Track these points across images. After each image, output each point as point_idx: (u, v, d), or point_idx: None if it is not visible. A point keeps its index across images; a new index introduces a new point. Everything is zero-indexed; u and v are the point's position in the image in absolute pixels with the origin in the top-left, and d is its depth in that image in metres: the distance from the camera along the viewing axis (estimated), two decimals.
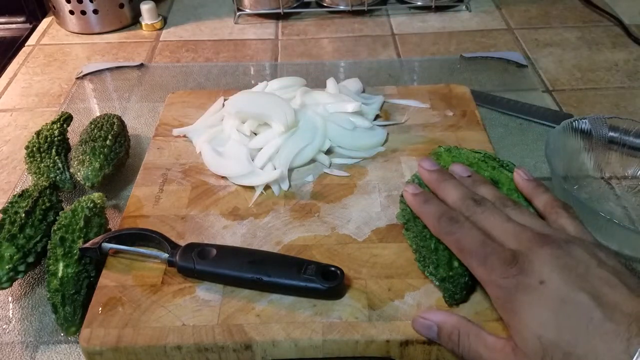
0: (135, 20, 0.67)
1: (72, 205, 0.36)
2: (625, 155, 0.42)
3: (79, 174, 0.40)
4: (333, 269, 0.32)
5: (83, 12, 0.64)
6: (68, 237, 0.34)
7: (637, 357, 0.20)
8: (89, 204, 0.36)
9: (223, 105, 0.47)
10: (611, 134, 0.42)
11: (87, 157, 0.41)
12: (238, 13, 0.68)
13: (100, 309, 0.31)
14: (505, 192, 0.34)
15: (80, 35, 0.66)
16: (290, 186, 0.40)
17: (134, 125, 0.50)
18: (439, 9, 0.69)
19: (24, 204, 0.36)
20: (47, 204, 0.37)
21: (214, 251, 0.33)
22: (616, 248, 0.35)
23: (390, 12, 0.69)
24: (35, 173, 0.41)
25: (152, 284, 0.33)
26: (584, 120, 0.42)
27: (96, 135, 0.42)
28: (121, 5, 0.65)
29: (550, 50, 0.61)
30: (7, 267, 0.33)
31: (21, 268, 0.34)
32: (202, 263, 0.32)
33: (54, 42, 0.65)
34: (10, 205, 0.36)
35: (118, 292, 0.32)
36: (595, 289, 0.23)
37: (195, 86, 0.57)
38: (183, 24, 0.68)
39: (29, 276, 0.37)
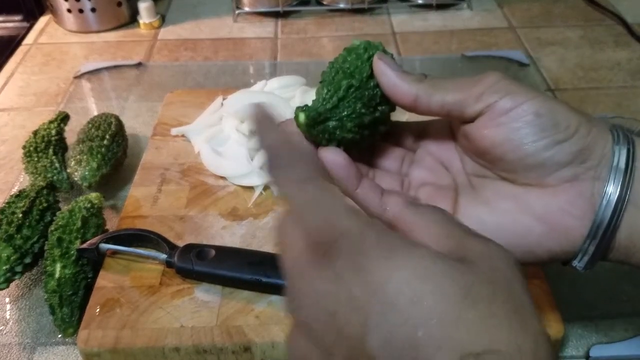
0: (133, 19, 0.67)
1: (70, 206, 0.36)
2: None
3: (76, 173, 0.40)
4: None
5: (80, 11, 0.64)
6: (65, 238, 0.34)
7: None
8: (86, 205, 0.36)
9: (222, 104, 0.46)
10: None
11: (85, 156, 0.40)
12: (237, 11, 0.67)
13: (98, 310, 0.31)
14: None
15: (78, 33, 0.65)
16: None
17: (132, 125, 0.49)
18: (440, 7, 0.68)
19: (21, 204, 0.36)
20: (45, 204, 0.36)
21: (213, 252, 0.32)
22: None
23: (391, 10, 0.69)
24: (32, 173, 0.41)
25: (150, 285, 0.33)
26: None
27: (93, 135, 0.42)
28: (119, 4, 0.65)
29: (552, 49, 0.60)
30: (4, 267, 0.33)
31: (18, 269, 0.34)
32: (200, 264, 0.32)
33: (51, 41, 0.65)
34: (7, 205, 0.36)
35: (116, 293, 0.32)
36: None
37: (194, 85, 0.56)
38: (182, 23, 0.68)
39: (26, 277, 0.37)
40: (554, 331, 0.30)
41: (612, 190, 0.20)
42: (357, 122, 0.23)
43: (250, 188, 0.39)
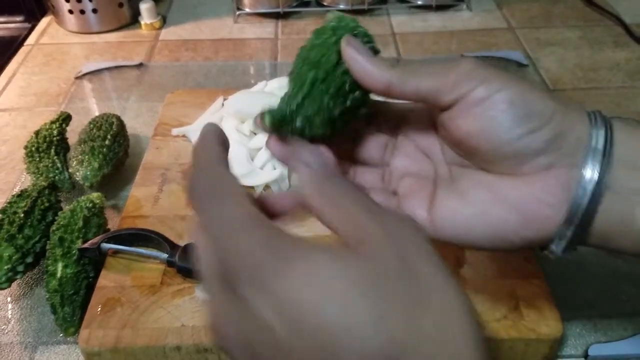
0: (134, 20, 0.67)
1: (71, 206, 0.36)
2: None
3: (77, 173, 0.40)
4: None
5: (82, 11, 0.64)
6: (67, 238, 0.34)
7: None
8: (87, 204, 0.36)
9: (222, 104, 0.46)
10: None
11: (86, 157, 0.40)
12: (237, 12, 0.68)
13: (99, 309, 0.31)
14: None
15: (79, 34, 0.65)
16: (290, 186, 0.40)
17: (133, 125, 0.49)
18: (440, 8, 0.68)
19: (22, 204, 0.36)
20: (46, 204, 0.36)
21: None
22: None
23: (390, 11, 0.69)
24: (34, 173, 0.41)
25: (151, 284, 0.33)
26: None
27: (95, 135, 0.42)
28: (120, 5, 0.65)
29: (551, 49, 0.61)
30: (5, 267, 0.33)
31: (20, 268, 0.34)
32: None
33: (53, 42, 0.65)
34: (9, 205, 0.36)
35: (117, 292, 0.32)
36: None
37: (195, 85, 0.56)
38: (182, 23, 0.68)
39: (27, 276, 0.37)
40: (553, 330, 0.30)
41: (590, 173, 0.20)
42: (326, 117, 0.21)
43: (251, 188, 0.40)
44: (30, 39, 0.66)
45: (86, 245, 0.34)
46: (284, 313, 0.15)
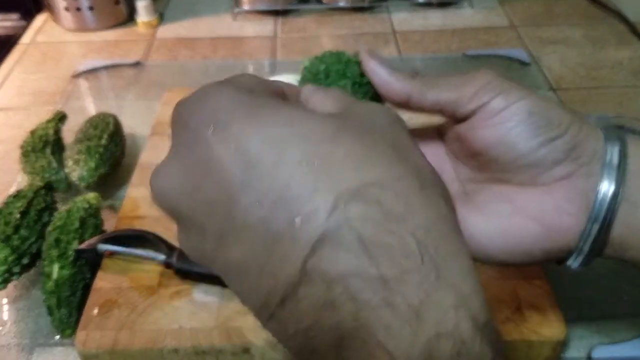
0: (131, 17, 0.66)
1: (67, 206, 0.36)
2: None
3: (74, 173, 0.40)
4: None
5: (78, 9, 0.63)
6: (63, 239, 0.33)
7: None
8: (84, 205, 0.35)
9: None
10: None
11: (83, 156, 0.40)
12: (236, 10, 0.67)
13: (96, 311, 0.31)
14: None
15: (75, 32, 0.65)
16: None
17: (130, 124, 0.49)
18: (441, 5, 0.68)
19: (18, 205, 0.35)
20: (42, 205, 0.36)
21: None
22: None
23: (391, 8, 0.68)
24: (30, 173, 0.41)
25: (149, 285, 0.32)
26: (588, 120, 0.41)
27: (91, 135, 0.42)
28: (117, 2, 0.64)
29: (554, 48, 0.60)
30: (1, 268, 0.33)
31: (16, 269, 0.33)
32: (199, 265, 0.32)
33: (49, 40, 0.64)
34: (5, 205, 0.36)
35: (114, 294, 0.32)
36: None
37: (193, 84, 0.55)
38: (180, 21, 0.67)
39: (24, 278, 0.36)
40: (555, 332, 0.29)
41: (606, 186, 0.20)
42: None
43: None
44: (26, 37, 0.65)
45: (83, 246, 0.33)
46: (240, 156, 0.14)
